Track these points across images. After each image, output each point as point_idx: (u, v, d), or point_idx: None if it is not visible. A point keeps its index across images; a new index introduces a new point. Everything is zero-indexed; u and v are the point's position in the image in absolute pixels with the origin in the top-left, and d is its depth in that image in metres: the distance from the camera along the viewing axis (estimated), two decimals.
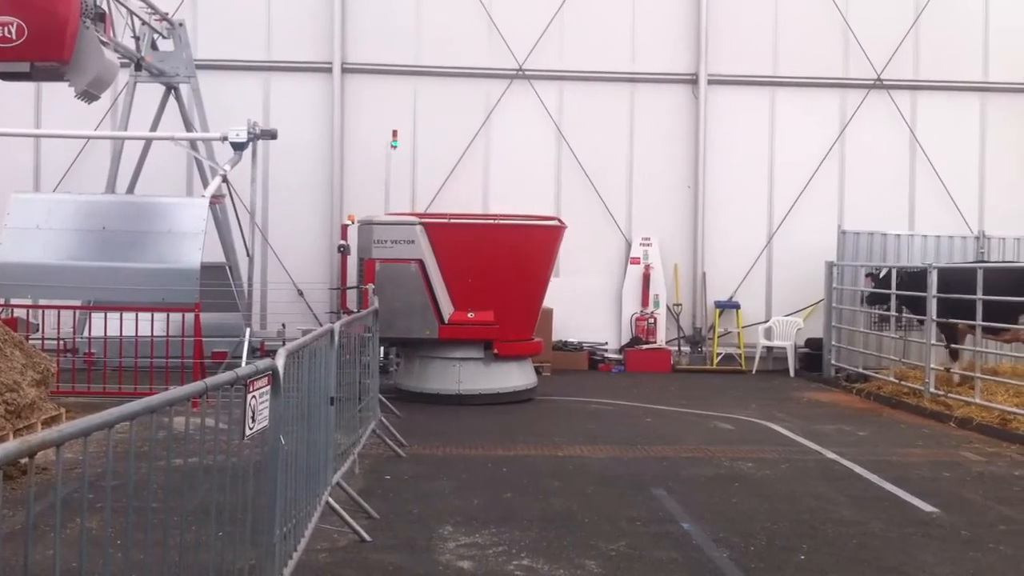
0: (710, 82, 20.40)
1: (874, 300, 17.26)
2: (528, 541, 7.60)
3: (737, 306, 20.40)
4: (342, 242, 15.27)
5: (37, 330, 15.24)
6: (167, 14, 17.61)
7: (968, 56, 20.76)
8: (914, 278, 15.75)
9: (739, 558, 7.27)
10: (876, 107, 20.60)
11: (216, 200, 16.67)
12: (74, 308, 15.89)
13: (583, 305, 20.04)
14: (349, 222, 16.85)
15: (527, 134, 20.33)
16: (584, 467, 10.46)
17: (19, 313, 14.99)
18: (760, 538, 7.82)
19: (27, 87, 18.36)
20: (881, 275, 17.05)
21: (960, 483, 10.01)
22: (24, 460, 3.13)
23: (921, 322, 15.49)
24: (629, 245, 20.41)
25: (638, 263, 20.28)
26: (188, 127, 18.12)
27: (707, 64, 20.38)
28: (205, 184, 17.35)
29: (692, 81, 20.49)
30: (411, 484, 9.49)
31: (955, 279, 14.76)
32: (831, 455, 11.28)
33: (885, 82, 20.52)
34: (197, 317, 13.91)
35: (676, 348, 20.27)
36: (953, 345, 15.39)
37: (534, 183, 20.20)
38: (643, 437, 12.32)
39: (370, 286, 12.82)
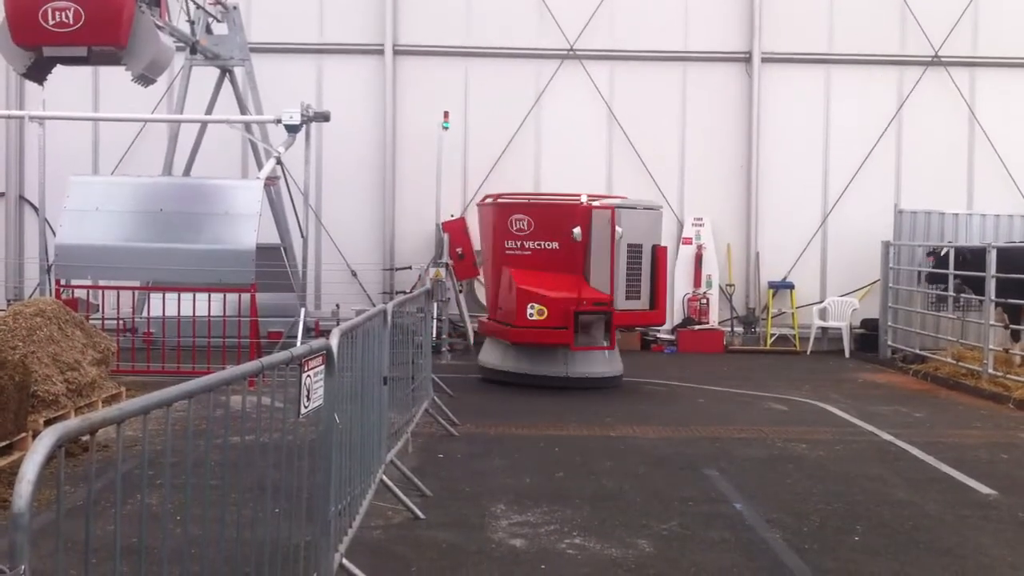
0: (764, 60, 20.17)
1: (934, 279, 17.00)
2: (580, 520, 7.63)
3: (791, 286, 20.22)
4: (575, 229, 13.87)
5: (97, 310, 15.52)
6: None
7: None
8: (976, 256, 15.47)
9: (792, 539, 7.24)
10: (933, 84, 20.24)
11: (271, 182, 16.82)
12: (133, 289, 16.13)
13: None
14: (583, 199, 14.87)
15: (578, 114, 20.26)
16: (636, 447, 10.45)
17: (79, 294, 15.27)
18: (813, 519, 7.78)
19: (84, 71, 18.60)
20: (942, 253, 16.78)
21: (1018, 465, 9.87)
22: (85, 437, 3.20)
23: (982, 302, 15.23)
24: (681, 225, 20.29)
25: (690, 243, 20.16)
26: (242, 110, 18.28)
27: (761, 41, 20.14)
28: (260, 166, 17.50)
29: (745, 59, 20.28)
30: (463, 463, 9.55)
31: (1020, 258, 14.47)
32: (886, 436, 11.17)
33: (943, 59, 20.15)
34: (253, 297, 14.06)
35: (729, 329, 20.15)
36: (1014, 326, 15.14)
37: (585, 163, 20.14)
38: (695, 417, 12.29)
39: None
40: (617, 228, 13.89)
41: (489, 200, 15.69)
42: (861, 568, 6.64)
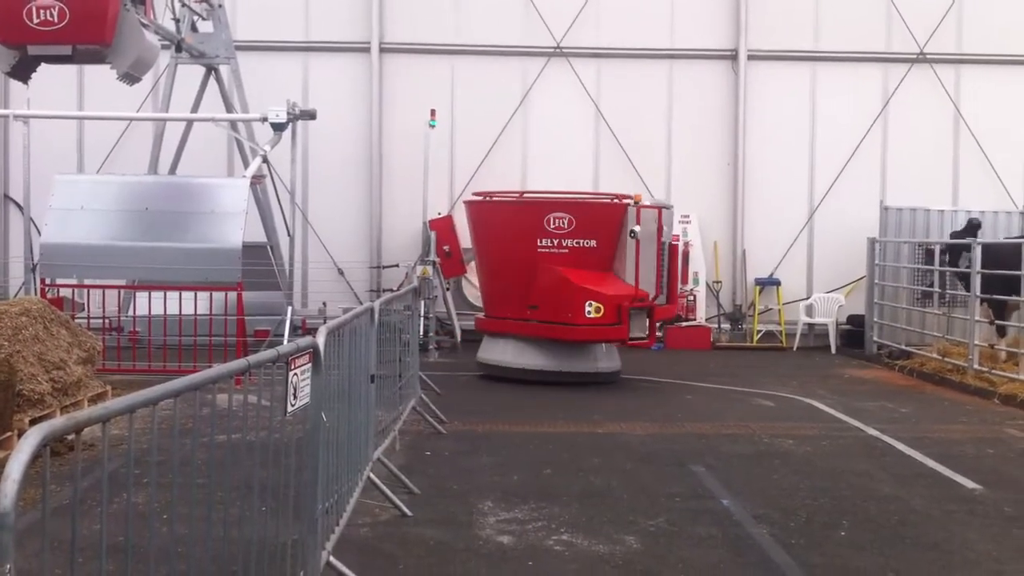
0: (750, 57, 20.21)
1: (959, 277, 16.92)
2: (568, 517, 7.63)
3: (778, 283, 20.28)
4: (635, 227, 14.13)
5: (82, 309, 15.47)
6: None
7: (1013, 28, 20.38)
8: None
9: (779, 534, 7.26)
10: (919, 82, 20.32)
11: (257, 180, 16.79)
12: (118, 288, 16.07)
13: None
14: (633, 202, 14.76)
15: (565, 112, 20.27)
16: (623, 444, 10.47)
17: (64, 293, 15.22)
18: (800, 515, 7.81)
19: (69, 70, 18.53)
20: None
21: (1004, 460, 9.93)
22: (71, 436, 3.19)
23: (985, 301, 15.19)
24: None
25: (677, 240, 20.18)
26: (228, 108, 18.23)
27: (747, 39, 20.19)
28: (246, 165, 17.47)
29: (732, 57, 20.32)
30: (451, 460, 9.55)
31: (1009, 255, 14.49)
32: (872, 432, 11.21)
33: (928, 56, 20.23)
34: (239, 296, 14.04)
35: (716, 325, 20.19)
36: (1000, 322, 15.21)
37: (572, 161, 20.15)
38: (682, 414, 12.31)
39: None
40: (635, 227, 14.10)
41: (505, 197, 15.88)
42: (847, 563, 6.67)
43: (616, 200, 14.87)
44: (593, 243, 14.36)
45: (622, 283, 14.28)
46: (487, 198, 15.61)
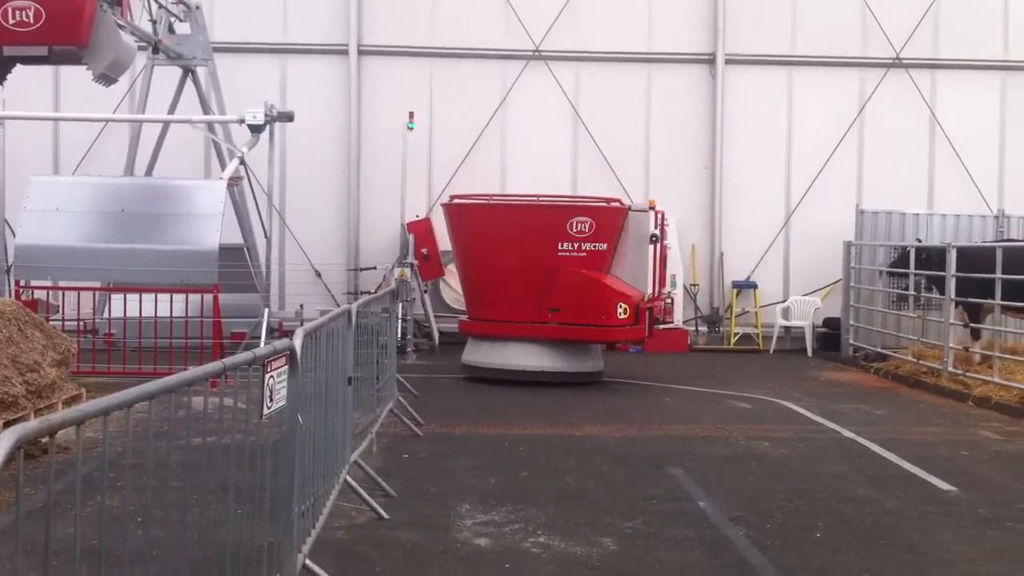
0: (727, 62, 20.30)
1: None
2: (544, 519, 7.64)
3: (754, 286, 20.36)
4: (655, 232, 15.06)
5: (57, 311, 15.35)
6: None
7: (988, 34, 20.57)
8: (941, 256, 15.59)
9: (755, 536, 7.29)
10: (895, 86, 20.46)
11: (234, 182, 16.70)
12: (93, 290, 15.97)
13: None
14: (650, 208, 15.67)
15: (544, 115, 20.30)
16: (600, 446, 10.49)
17: (39, 295, 15.10)
18: (776, 516, 7.84)
19: (45, 71, 18.41)
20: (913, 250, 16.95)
21: (978, 462, 10.00)
22: (45, 439, 3.17)
23: (960, 304, 15.30)
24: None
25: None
26: (205, 110, 18.15)
27: (724, 43, 20.27)
28: (223, 166, 17.38)
29: (709, 61, 20.40)
30: (428, 462, 9.54)
31: (982, 259, 14.60)
32: (848, 434, 11.27)
33: (904, 61, 20.37)
34: (216, 298, 13.97)
35: (693, 328, 20.26)
36: (974, 324, 15.32)
37: (551, 164, 20.18)
38: (660, 416, 12.34)
39: None
40: (655, 231, 15.11)
41: (513, 200, 16.15)
42: (823, 564, 6.70)
43: (617, 204, 15.29)
44: (604, 246, 14.75)
45: (627, 284, 14.86)
46: (488, 201, 15.74)
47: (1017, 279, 13.65)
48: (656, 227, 15.08)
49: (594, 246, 14.70)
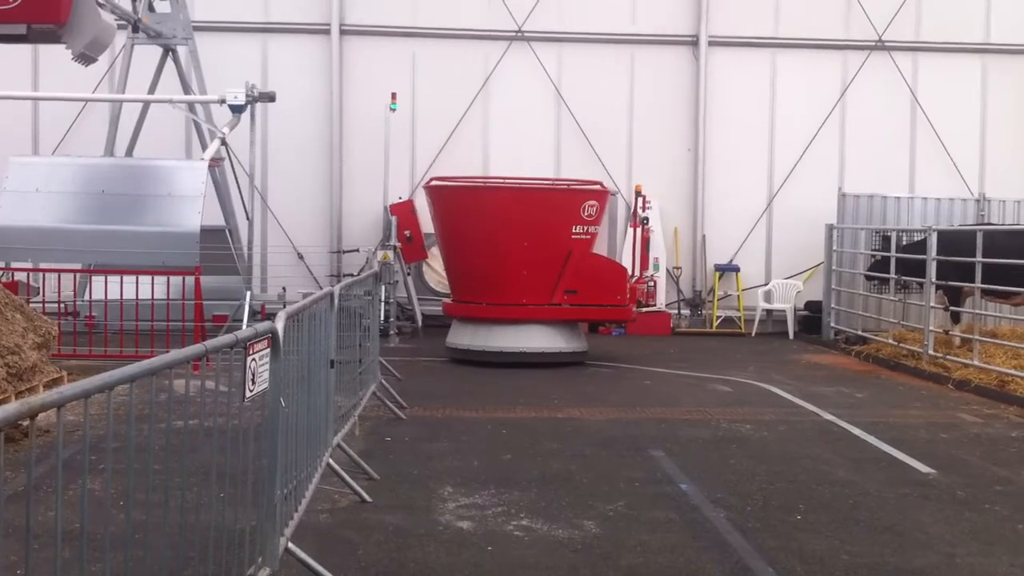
0: (711, 43, 20.28)
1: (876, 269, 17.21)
2: (527, 502, 7.66)
3: (737, 269, 20.42)
4: (645, 215, 15.83)
5: (38, 293, 15.27)
6: None
7: (970, 17, 20.62)
8: (916, 245, 15.72)
9: (736, 518, 7.33)
10: (877, 69, 20.50)
11: (215, 163, 16.64)
12: (74, 272, 15.89)
13: None
14: (637, 194, 16.81)
15: (526, 96, 20.25)
16: (583, 429, 10.51)
17: (19, 276, 15.02)
18: (757, 499, 7.88)
19: (24, 50, 18.27)
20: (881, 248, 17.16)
21: (957, 444, 10.07)
22: (25, 422, 3.16)
23: (921, 285, 15.44)
24: (629, 208, 20.37)
25: (637, 226, 20.24)
26: (186, 90, 18.04)
27: (708, 25, 20.25)
28: (204, 147, 17.32)
29: (693, 42, 20.38)
30: (411, 446, 9.55)
31: (964, 242, 14.65)
32: (828, 417, 11.33)
33: (886, 44, 20.41)
34: (197, 280, 13.92)
35: (676, 311, 20.30)
36: (954, 308, 15.41)
37: (534, 146, 20.15)
38: (642, 399, 12.38)
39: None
40: (646, 214, 16.01)
41: (526, 184, 16.33)
42: (803, 546, 6.74)
43: (602, 187, 15.85)
44: (597, 229, 15.30)
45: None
46: (489, 183, 15.95)
47: (997, 263, 13.72)
48: (643, 210, 15.82)
49: (595, 229, 15.23)
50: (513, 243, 14.77)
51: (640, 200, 15.73)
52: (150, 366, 3.98)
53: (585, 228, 14.89)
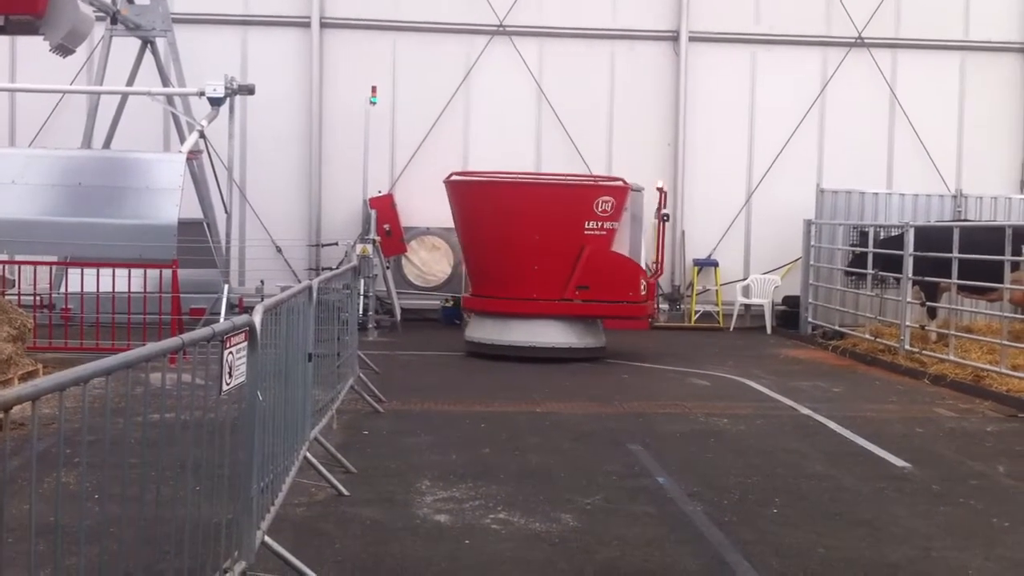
0: (691, 39, 20.31)
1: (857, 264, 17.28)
2: (505, 495, 7.67)
3: (715, 264, 20.47)
4: (665, 211, 15.94)
5: (13, 286, 15.18)
6: None
7: (949, 15, 20.71)
8: (892, 241, 15.80)
9: (713, 512, 7.36)
10: (857, 66, 20.57)
11: (193, 156, 16.55)
12: (50, 264, 15.79)
13: None
14: (658, 190, 16.57)
15: (507, 91, 20.22)
16: (561, 423, 10.53)
17: None
18: (734, 492, 7.92)
19: (1, 41, 18.10)
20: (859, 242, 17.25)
21: (932, 439, 10.14)
22: (0, 415, 3.14)
23: (898, 280, 15.54)
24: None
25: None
26: (165, 82, 17.93)
27: (688, 21, 20.27)
28: (182, 140, 17.21)
29: (673, 38, 20.40)
30: (389, 439, 9.54)
31: (941, 239, 14.72)
32: (805, 411, 11.39)
33: (866, 40, 20.48)
34: (174, 273, 13.85)
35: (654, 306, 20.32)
36: (930, 303, 15.51)
37: (515, 140, 20.13)
38: (620, 393, 12.41)
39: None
40: (666, 211, 16.18)
41: (539, 179, 16.73)
42: (780, 539, 6.78)
43: (622, 183, 15.90)
44: (616, 225, 15.25)
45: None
46: (500, 178, 15.90)
47: (973, 259, 13.81)
48: (664, 207, 16.05)
49: (611, 225, 15.13)
50: (524, 237, 14.78)
51: (662, 196, 16.06)
52: (126, 359, 3.96)
53: (600, 224, 14.86)
